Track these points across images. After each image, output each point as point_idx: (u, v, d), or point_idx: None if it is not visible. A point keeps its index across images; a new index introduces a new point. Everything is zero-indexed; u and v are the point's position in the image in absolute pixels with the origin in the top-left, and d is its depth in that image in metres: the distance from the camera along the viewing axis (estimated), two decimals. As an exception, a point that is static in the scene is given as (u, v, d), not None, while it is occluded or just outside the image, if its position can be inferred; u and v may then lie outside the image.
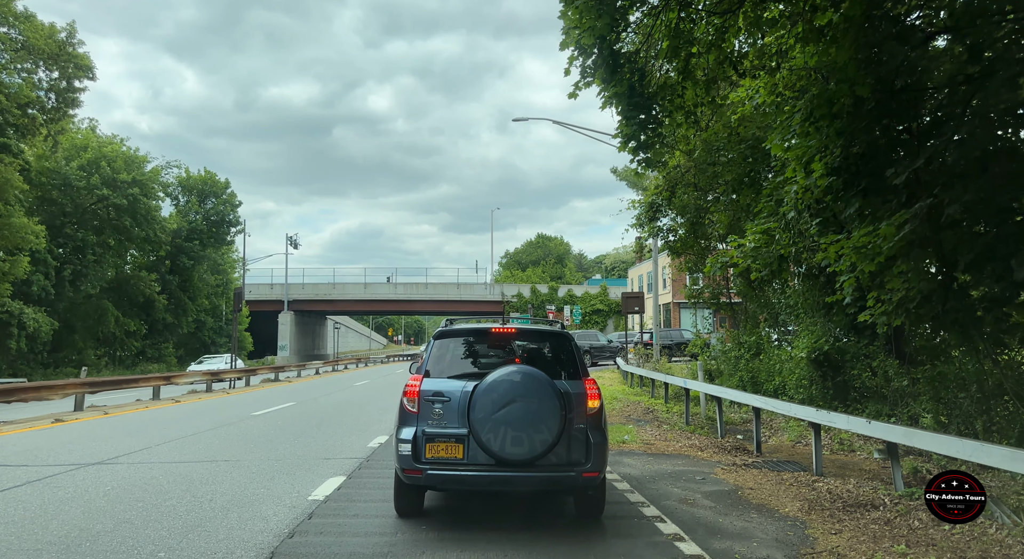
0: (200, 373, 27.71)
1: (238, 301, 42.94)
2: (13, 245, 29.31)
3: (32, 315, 32.11)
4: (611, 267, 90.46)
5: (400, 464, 6.16)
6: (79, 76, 33.19)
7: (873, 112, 7.71)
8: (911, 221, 6.94)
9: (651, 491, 7.98)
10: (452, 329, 6.88)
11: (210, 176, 51.72)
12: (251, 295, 57.53)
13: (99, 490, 7.89)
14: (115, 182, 37.57)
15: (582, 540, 5.97)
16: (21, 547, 5.72)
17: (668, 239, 20.84)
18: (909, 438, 6.96)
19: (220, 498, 7.43)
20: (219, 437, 12.44)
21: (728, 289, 23.56)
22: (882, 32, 7.34)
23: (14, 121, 28.59)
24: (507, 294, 64.31)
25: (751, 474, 8.93)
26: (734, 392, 12.47)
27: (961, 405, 8.69)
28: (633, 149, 9.38)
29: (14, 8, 30.10)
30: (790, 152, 8.95)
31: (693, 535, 6.15)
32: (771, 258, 10.77)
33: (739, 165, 15.32)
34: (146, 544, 5.76)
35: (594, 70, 8.76)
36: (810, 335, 12.66)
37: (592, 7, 7.94)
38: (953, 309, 7.57)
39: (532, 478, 5.97)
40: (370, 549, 5.64)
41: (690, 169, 17.32)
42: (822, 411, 8.78)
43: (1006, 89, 6.40)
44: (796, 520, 6.70)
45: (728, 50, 9.20)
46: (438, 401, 6.16)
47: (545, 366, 6.35)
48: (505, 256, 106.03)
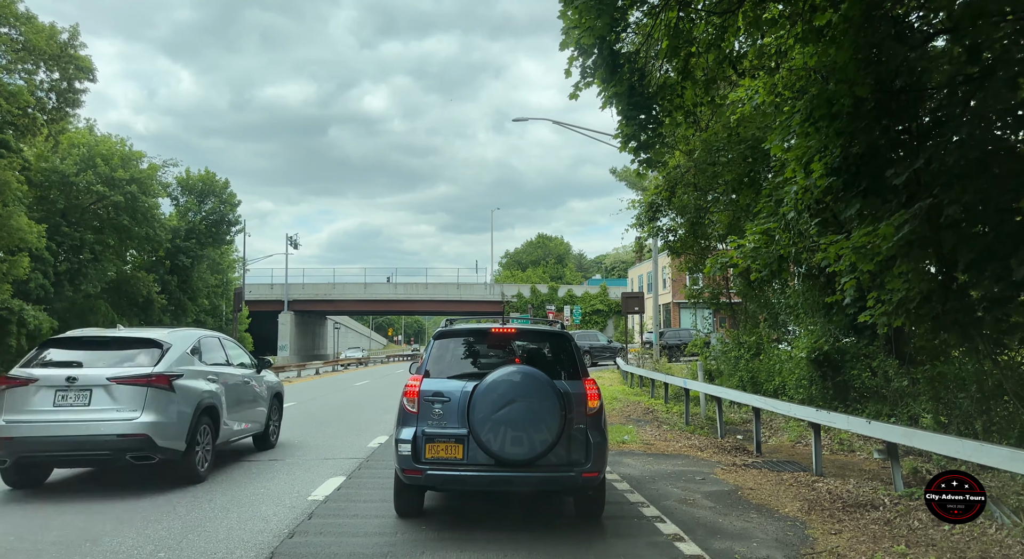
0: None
1: (238, 301, 43.00)
2: (13, 246, 29.31)
3: (32, 313, 32.08)
4: (611, 267, 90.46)
5: (400, 464, 6.16)
6: (80, 77, 33.20)
7: (873, 112, 7.71)
8: (911, 221, 6.94)
9: (651, 491, 7.98)
10: (452, 329, 6.89)
11: (209, 176, 51.70)
12: (251, 295, 57.53)
13: (99, 490, 7.89)
14: (112, 180, 37.55)
15: (582, 540, 5.97)
16: (21, 547, 5.73)
17: (668, 239, 20.84)
18: (909, 438, 6.96)
19: (220, 498, 7.43)
20: (219, 437, 12.43)
21: (728, 289, 23.57)
22: (882, 32, 7.35)
23: (13, 121, 28.57)
24: (507, 294, 64.31)
25: (751, 474, 8.94)
26: (734, 392, 12.47)
27: (961, 405, 8.69)
28: (633, 149, 9.39)
29: (16, 9, 30.10)
30: (790, 152, 8.95)
31: (693, 535, 6.15)
32: (771, 258, 10.76)
33: (739, 165, 15.32)
34: (146, 544, 5.77)
35: (594, 70, 8.76)
36: (810, 335, 12.66)
37: (592, 7, 7.94)
38: (953, 309, 7.57)
39: (532, 478, 5.97)
40: (370, 549, 5.64)
41: (690, 169, 17.31)
42: (822, 411, 8.78)
43: (1006, 89, 6.40)
44: (796, 520, 6.70)
45: (727, 50, 9.20)
46: (438, 401, 6.16)
47: (545, 366, 6.35)
48: (505, 256, 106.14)
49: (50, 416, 7.59)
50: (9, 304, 30.95)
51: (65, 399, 7.67)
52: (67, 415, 7.60)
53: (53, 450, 7.63)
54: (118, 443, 7.58)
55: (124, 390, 7.74)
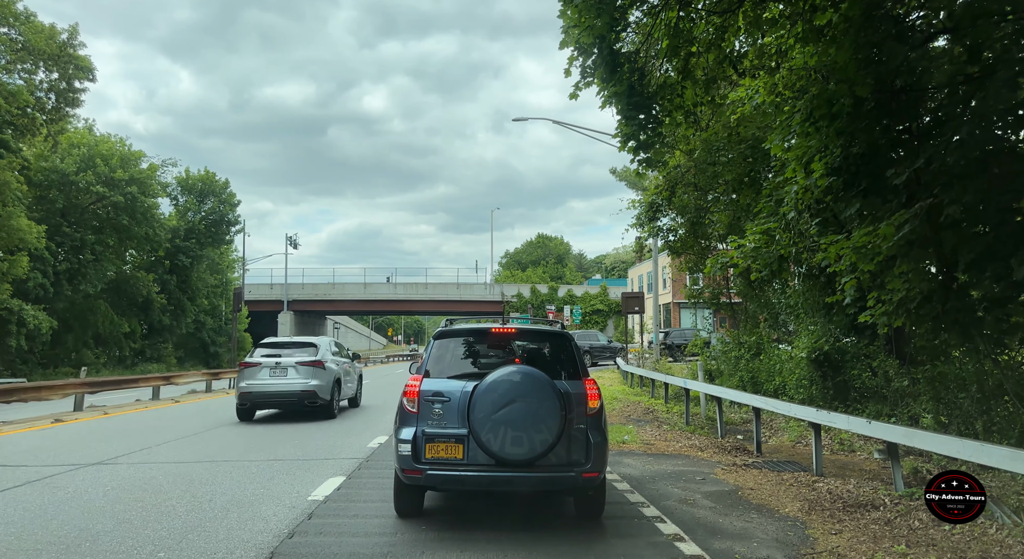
0: (200, 373, 27.84)
1: (238, 301, 42.92)
2: (12, 246, 29.31)
3: (32, 312, 32.06)
4: (611, 267, 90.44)
5: (400, 464, 6.15)
6: (80, 77, 33.21)
7: (873, 112, 7.71)
8: (911, 221, 6.94)
9: (651, 491, 7.97)
10: (452, 329, 6.88)
11: (209, 176, 51.65)
12: (251, 295, 57.48)
13: (99, 490, 7.89)
14: (112, 180, 37.54)
15: (582, 540, 5.97)
16: (21, 547, 5.72)
17: (668, 239, 20.85)
18: (909, 438, 6.96)
19: (220, 498, 7.43)
20: (219, 437, 12.45)
21: (728, 289, 23.57)
22: (882, 32, 7.34)
23: (13, 121, 28.56)
24: (507, 294, 64.29)
25: (751, 474, 8.93)
26: (734, 392, 12.47)
27: (961, 405, 8.69)
28: (633, 149, 9.38)
29: (15, 9, 30.09)
30: (790, 152, 8.95)
31: (693, 535, 6.15)
32: (771, 258, 10.76)
33: (739, 165, 15.33)
34: (146, 544, 5.76)
35: (594, 70, 8.76)
36: (810, 335, 12.65)
37: (591, 6, 7.93)
38: (953, 309, 7.57)
39: (532, 478, 5.97)
40: (370, 549, 5.63)
41: (690, 169, 17.32)
42: (822, 411, 8.77)
43: (1006, 89, 6.39)
44: (796, 520, 6.69)
45: (728, 50, 9.20)
46: (438, 401, 6.15)
47: (545, 366, 6.34)
48: (505, 256, 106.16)
49: (267, 382, 14.78)
50: (9, 304, 30.93)
51: (274, 373, 14.85)
52: (276, 381, 14.78)
53: (269, 399, 14.85)
54: (300, 396, 14.69)
55: (303, 368, 14.84)
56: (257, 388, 14.68)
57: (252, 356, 15.30)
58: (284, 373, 14.75)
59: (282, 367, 14.78)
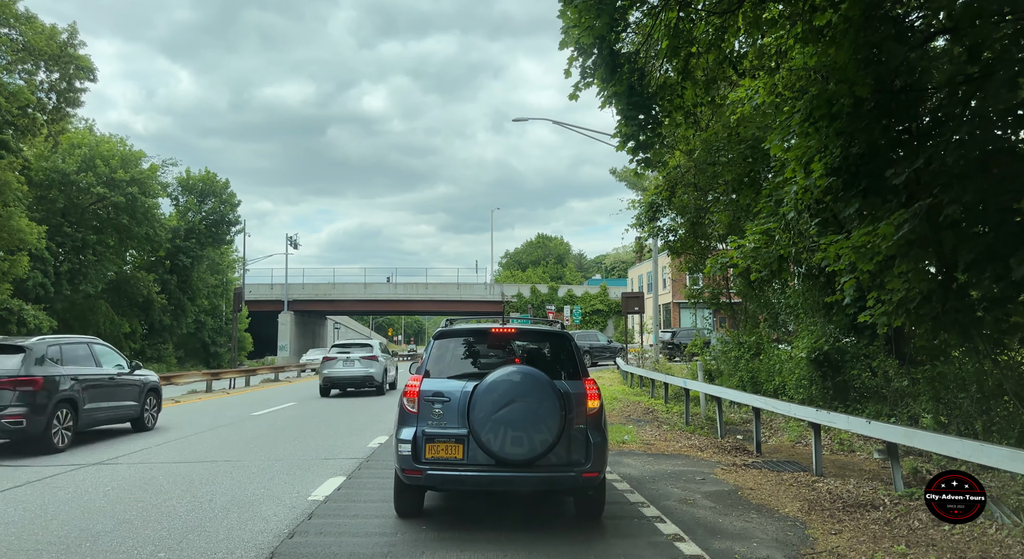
0: (200, 373, 27.95)
1: (238, 301, 42.97)
2: (13, 246, 29.30)
3: (32, 312, 32.06)
4: (611, 267, 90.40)
5: (400, 464, 6.16)
6: (80, 77, 33.17)
7: (873, 112, 7.71)
8: (910, 221, 6.94)
9: (651, 491, 7.98)
10: (452, 329, 6.88)
11: (209, 176, 51.63)
12: (251, 295, 57.45)
13: (99, 490, 7.90)
14: (113, 180, 37.53)
15: (582, 540, 5.97)
16: (21, 547, 5.72)
17: (668, 239, 20.86)
18: (909, 438, 6.96)
19: (220, 498, 7.43)
20: (219, 437, 12.45)
21: (728, 289, 23.58)
22: (882, 32, 7.34)
23: (13, 121, 28.53)
24: (507, 294, 64.26)
25: (751, 474, 8.94)
26: (734, 392, 12.47)
27: (961, 405, 8.69)
28: (632, 149, 9.38)
29: (15, 10, 30.07)
30: (790, 152, 8.95)
31: (693, 535, 6.15)
32: (771, 258, 10.77)
33: (739, 165, 15.33)
34: (146, 544, 5.76)
35: (594, 70, 8.76)
36: (810, 335, 12.65)
37: (591, 6, 7.93)
38: (953, 309, 7.57)
39: (532, 478, 5.97)
40: (370, 549, 5.64)
41: (690, 169, 17.32)
42: (822, 411, 8.78)
43: (1006, 89, 6.40)
44: (796, 520, 6.70)
45: (727, 50, 9.20)
46: (438, 401, 6.16)
47: (545, 366, 6.35)
48: (505, 256, 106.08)
49: (342, 370, 21.93)
50: (9, 304, 30.93)
51: (346, 365, 21.92)
52: (347, 369, 21.89)
53: (342, 382, 22.11)
54: (363, 380, 21.99)
55: (364, 361, 21.99)
56: (335, 375, 21.91)
57: (329, 353, 22.73)
58: (352, 364, 21.81)
59: (351, 360, 21.88)
